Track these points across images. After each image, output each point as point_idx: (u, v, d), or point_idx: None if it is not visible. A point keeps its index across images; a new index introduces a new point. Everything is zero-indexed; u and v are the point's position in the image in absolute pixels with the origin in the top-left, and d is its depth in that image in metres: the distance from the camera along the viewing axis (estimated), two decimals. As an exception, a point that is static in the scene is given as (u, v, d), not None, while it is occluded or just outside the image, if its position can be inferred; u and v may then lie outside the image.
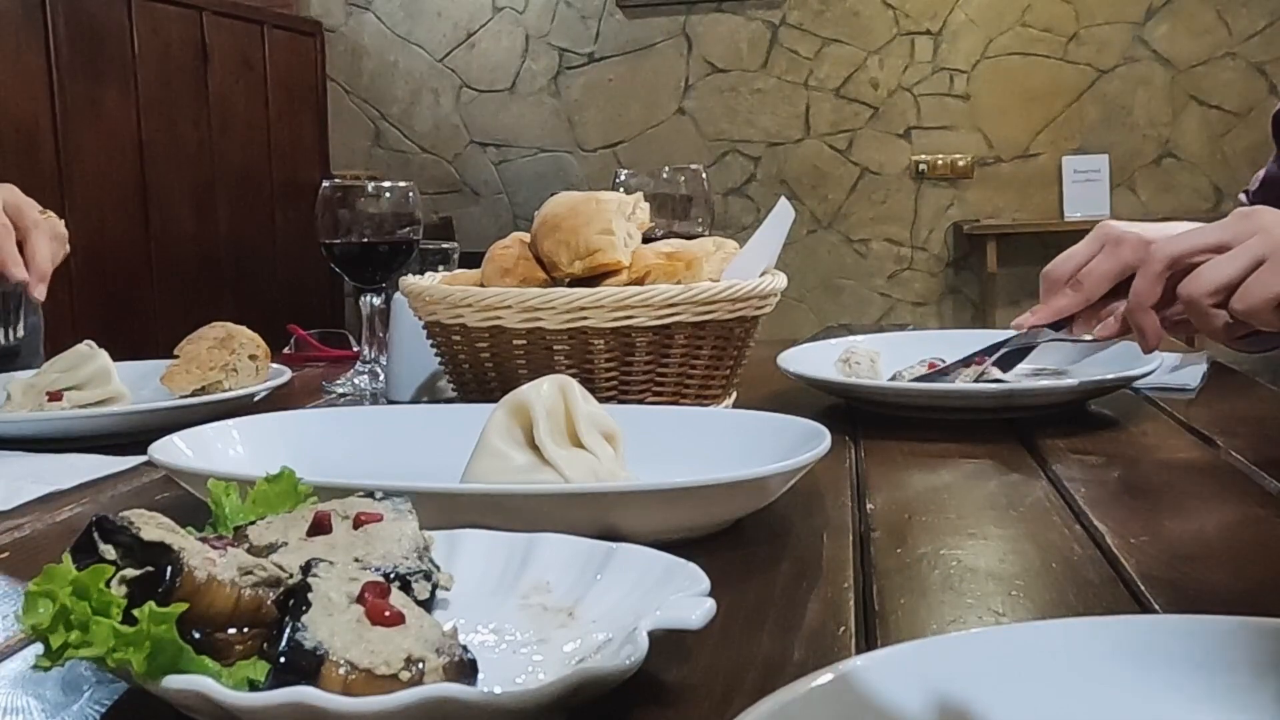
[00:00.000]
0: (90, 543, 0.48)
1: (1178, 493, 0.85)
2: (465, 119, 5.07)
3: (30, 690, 0.52)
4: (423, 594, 0.54)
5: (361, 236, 1.32)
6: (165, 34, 4.14)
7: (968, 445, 0.97)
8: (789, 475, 0.72)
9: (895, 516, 0.78)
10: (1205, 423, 1.03)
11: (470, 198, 5.09)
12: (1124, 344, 1.20)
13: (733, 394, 1.07)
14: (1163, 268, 0.87)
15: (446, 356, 1.04)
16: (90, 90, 3.81)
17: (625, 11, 4.86)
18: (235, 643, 0.46)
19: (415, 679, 0.43)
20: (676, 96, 4.86)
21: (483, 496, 0.69)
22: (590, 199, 1.04)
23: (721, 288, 0.96)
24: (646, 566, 0.57)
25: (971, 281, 4.70)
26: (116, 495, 0.89)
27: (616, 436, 0.78)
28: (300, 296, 4.69)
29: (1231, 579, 0.64)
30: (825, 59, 4.71)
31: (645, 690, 0.50)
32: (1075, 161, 4.53)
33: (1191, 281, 0.84)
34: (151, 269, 4.08)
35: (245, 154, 4.56)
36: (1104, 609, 0.59)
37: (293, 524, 0.57)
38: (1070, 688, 0.43)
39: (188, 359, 1.17)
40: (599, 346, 0.95)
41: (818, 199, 4.76)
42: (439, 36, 5.05)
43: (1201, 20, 4.45)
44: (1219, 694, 0.42)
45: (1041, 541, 0.71)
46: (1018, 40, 4.58)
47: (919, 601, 0.62)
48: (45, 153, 3.66)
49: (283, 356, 1.58)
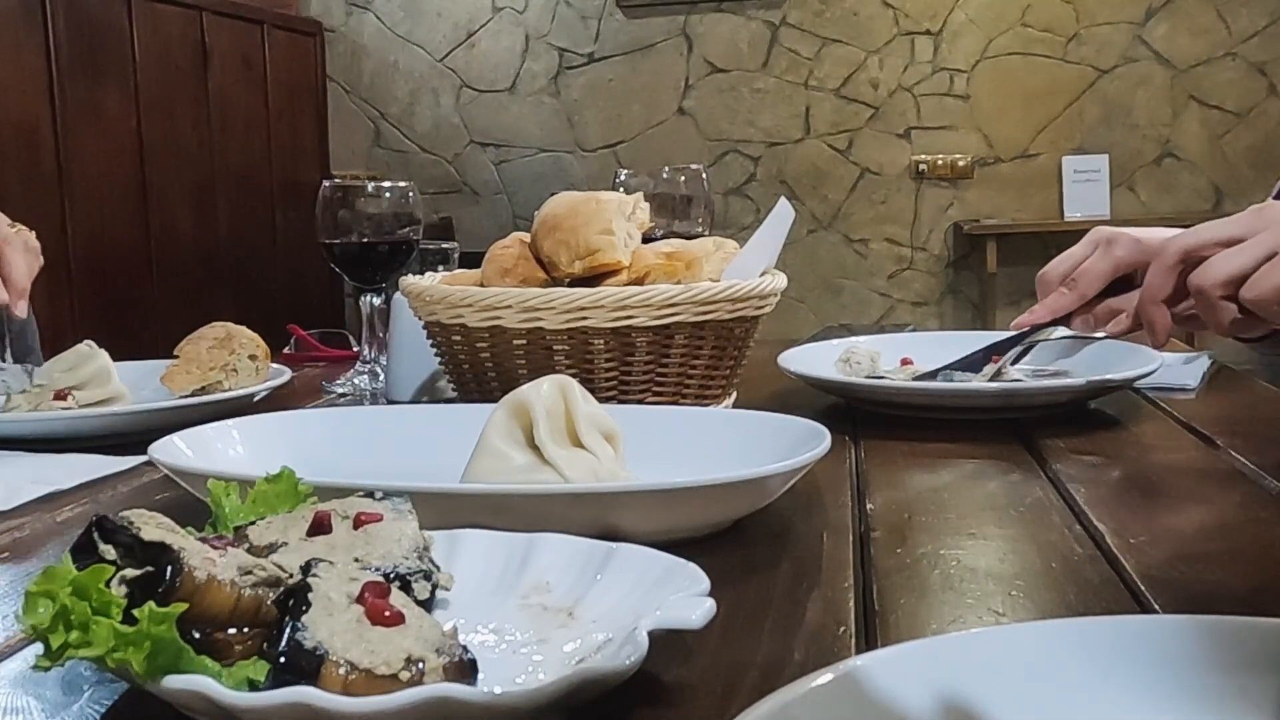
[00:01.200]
0: (90, 543, 0.48)
1: (1178, 493, 0.85)
2: (465, 119, 5.07)
3: (30, 690, 0.52)
4: (423, 594, 0.54)
5: (361, 236, 1.32)
6: (165, 34, 4.14)
7: (968, 445, 0.97)
8: (789, 475, 0.72)
9: (895, 516, 0.78)
10: (1205, 423, 1.03)
11: (470, 198, 5.09)
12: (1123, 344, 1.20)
13: (733, 394, 1.07)
14: (1175, 260, 0.87)
15: (446, 356, 1.04)
16: (90, 90, 3.81)
17: (625, 11, 4.86)
18: (235, 643, 0.46)
19: (415, 679, 0.43)
20: (676, 96, 4.86)
21: (483, 496, 0.69)
22: (590, 199, 1.04)
23: (721, 288, 0.96)
24: (646, 566, 0.57)
25: (971, 281, 4.70)
26: (116, 495, 0.89)
27: (616, 436, 0.77)
28: (300, 296, 4.69)
29: (1231, 579, 0.64)
30: (825, 59, 4.71)
31: (645, 690, 0.50)
32: (1075, 161, 4.53)
33: (1202, 272, 0.83)
34: (151, 269, 4.08)
35: (245, 154, 4.56)
36: (1104, 609, 0.59)
37: (293, 524, 0.57)
38: (1070, 688, 0.43)
39: (188, 359, 1.17)
40: (599, 346, 0.95)
41: (818, 199, 4.76)
42: (439, 36, 5.05)
43: (1201, 20, 4.45)
44: (1219, 694, 0.42)
45: (1041, 541, 0.71)
46: (1018, 40, 4.58)
47: (919, 601, 0.62)
48: (45, 153, 3.66)
49: (283, 356, 1.58)
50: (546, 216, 1.05)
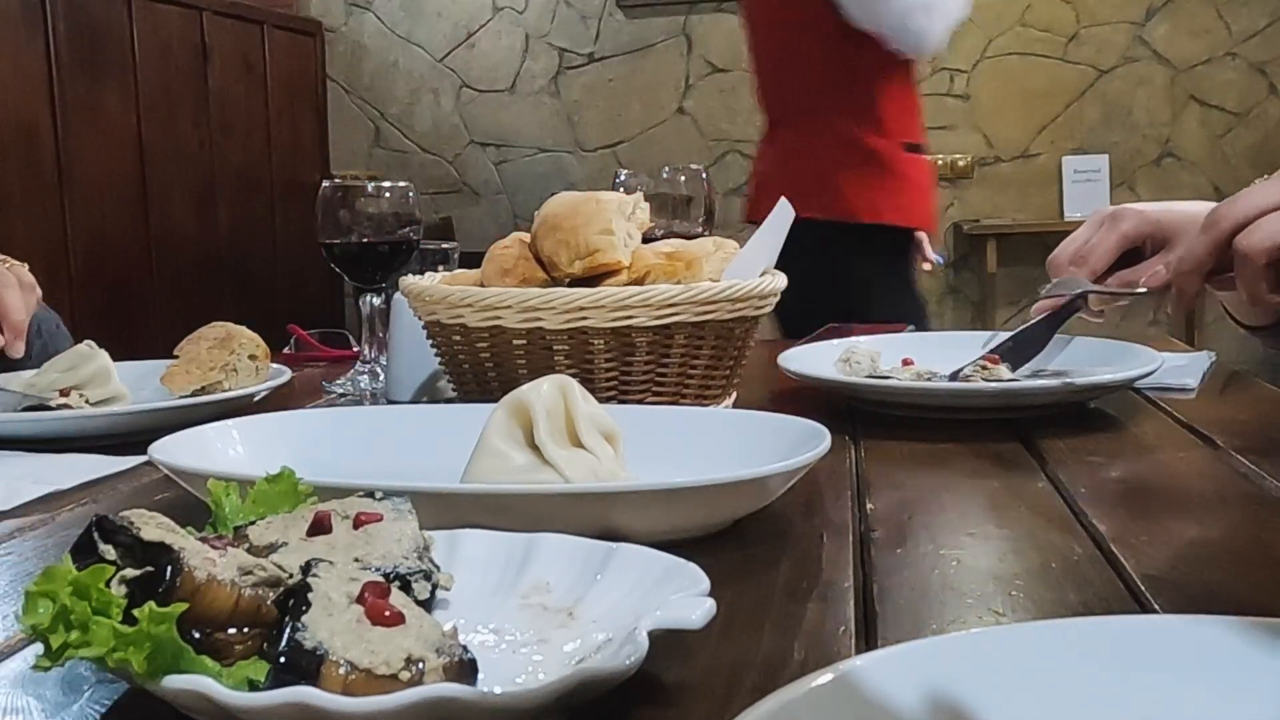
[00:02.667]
0: (90, 543, 0.48)
1: (1178, 492, 0.85)
2: (465, 119, 5.07)
3: (30, 690, 0.52)
4: (423, 594, 0.54)
5: (361, 236, 1.32)
6: (165, 34, 4.14)
7: (968, 445, 0.97)
8: (789, 475, 0.72)
9: (895, 516, 0.78)
10: (1205, 423, 1.03)
11: (470, 198, 5.09)
12: (1123, 344, 1.20)
13: (733, 394, 1.07)
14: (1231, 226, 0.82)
15: (446, 356, 1.04)
16: (90, 90, 3.81)
17: (625, 11, 4.86)
18: (235, 643, 0.46)
19: (415, 679, 0.43)
20: (676, 96, 4.86)
21: (483, 496, 0.68)
22: (590, 199, 1.04)
23: (721, 288, 0.96)
24: (646, 566, 0.57)
25: (971, 281, 4.70)
26: (116, 495, 0.89)
27: (616, 436, 0.77)
28: (300, 296, 4.69)
29: (1231, 579, 0.64)
30: (825, 59, 4.70)
31: (645, 690, 0.50)
32: (1075, 161, 4.53)
33: (1249, 235, 0.80)
34: (151, 269, 4.08)
35: (245, 154, 4.56)
36: (1104, 609, 0.59)
37: (293, 524, 0.57)
38: (1070, 688, 0.43)
39: (188, 359, 1.17)
40: (599, 346, 0.95)
41: (818, 199, 4.75)
42: (439, 36, 5.05)
43: (1201, 20, 4.45)
44: (1219, 694, 0.42)
45: (1041, 541, 0.71)
46: (1018, 40, 4.58)
47: (919, 601, 0.62)
48: (45, 153, 3.66)
49: (283, 356, 1.58)
50: (547, 216, 1.05)
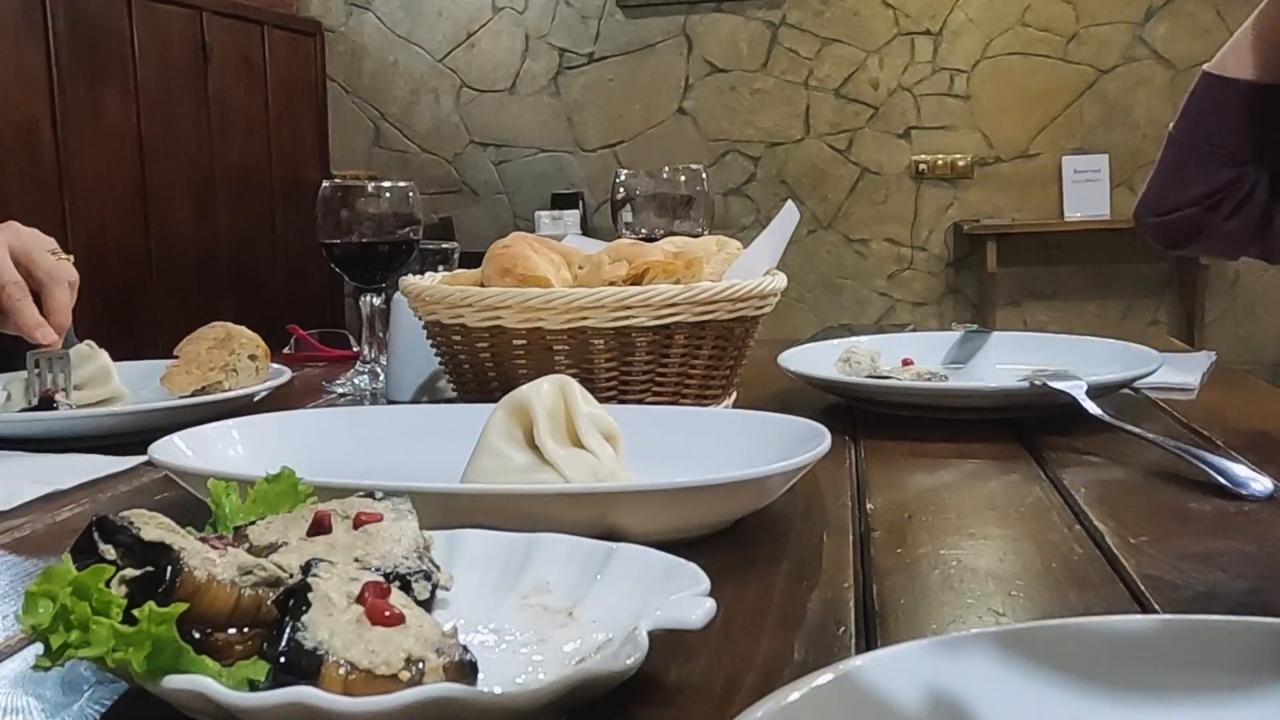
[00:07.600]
0: (90, 543, 0.48)
1: (1177, 493, 0.85)
2: (465, 119, 5.07)
3: (30, 690, 0.52)
4: (423, 594, 0.54)
5: (361, 236, 1.32)
6: (165, 34, 4.14)
7: (968, 445, 0.97)
8: (789, 475, 0.72)
9: (895, 516, 0.78)
10: (1205, 423, 1.03)
11: (470, 198, 5.09)
12: (1123, 344, 1.20)
13: (733, 394, 1.07)
14: None
15: (446, 356, 1.04)
16: (90, 90, 3.81)
17: (625, 11, 4.86)
18: (235, 643, 0.46)
19: (415, 679, 0.43)
20: (676, 96, 4.86)
21: (483, 496, 0.68)
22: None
23: (721, 288, 0.96)
24: (646, 566, 0.57)
25: (971, 281, 4.70)
26: (116, 495, 0.89)
27: (616, 436, 0.77)
28: (300, 296, 4.69)
29: (1231, 579, 0.64)
30: (825, 59, 4.71)
31: (645, 690, 0.50)
32: (1075, 161, 4.53)
33: None
34: (151, 269, 4.08)
35: (245, 154, 4.56)
36: (1104, 609, 0.59)
37: (293, 524, 0.57)
38: (1070, 688, 0.43)
39: (188, 359, 1.17)
40: (599, 346, 0.95)
41: (818, 199, 4.75)
42: (439, 36, 5.05)
43: (1201, 20, 4.45)
44: (1219, 694, 0.42)
45: (1041, 541, 0.71)
46: (1018, 40, 4.58)
47: (919, 601, 0.62)
48: (45, 153, 3.66)
49: (283, 356, 1.58)
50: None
